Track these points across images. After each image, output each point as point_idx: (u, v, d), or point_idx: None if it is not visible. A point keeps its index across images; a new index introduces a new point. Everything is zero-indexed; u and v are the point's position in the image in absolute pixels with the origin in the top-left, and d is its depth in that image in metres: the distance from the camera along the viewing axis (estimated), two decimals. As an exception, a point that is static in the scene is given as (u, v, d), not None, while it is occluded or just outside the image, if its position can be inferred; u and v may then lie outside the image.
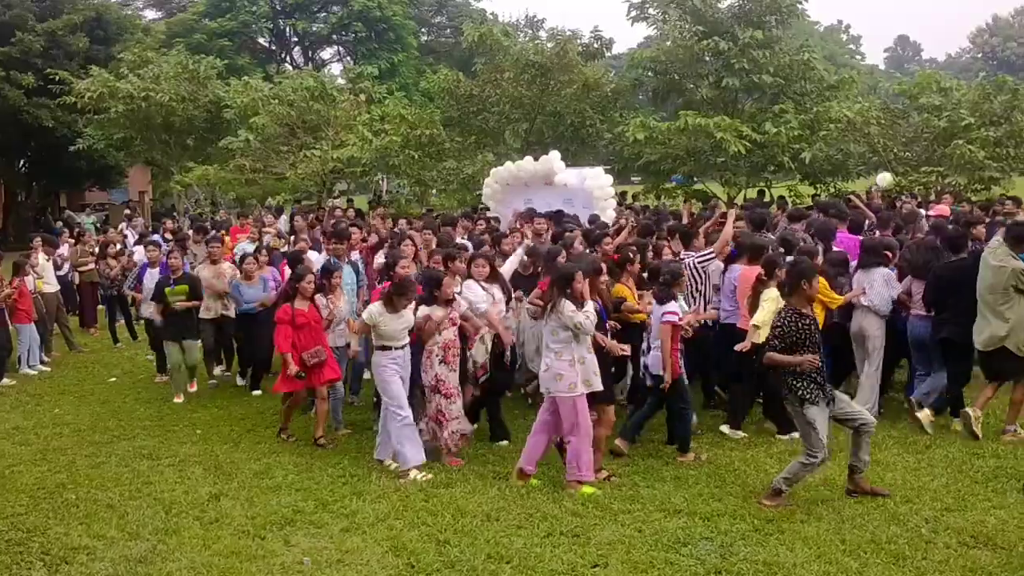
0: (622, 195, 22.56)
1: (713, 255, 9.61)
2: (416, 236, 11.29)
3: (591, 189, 16.33)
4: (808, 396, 6.73)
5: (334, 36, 52.69)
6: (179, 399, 10.95)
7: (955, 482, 7.19)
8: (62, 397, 11.43)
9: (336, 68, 51.31)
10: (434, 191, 25.24)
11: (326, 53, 56.51)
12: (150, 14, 50.59)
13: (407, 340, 8.16)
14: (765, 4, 25.27)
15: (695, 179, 26.49)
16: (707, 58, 25.60)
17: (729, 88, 25.05)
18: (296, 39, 53.77)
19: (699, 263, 9.50)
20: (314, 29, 51.42)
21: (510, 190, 17.40)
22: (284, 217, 21.14)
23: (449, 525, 6.60)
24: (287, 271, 11.11)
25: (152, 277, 11.93)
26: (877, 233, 11.11)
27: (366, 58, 44.38)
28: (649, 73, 27.09)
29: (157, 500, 7.38)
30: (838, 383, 9.13)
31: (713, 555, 5.96)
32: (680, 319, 8.03)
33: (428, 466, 7.88)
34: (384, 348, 8.06)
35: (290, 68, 42.22)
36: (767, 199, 22.90)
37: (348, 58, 51.36)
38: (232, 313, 11.47)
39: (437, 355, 8.15)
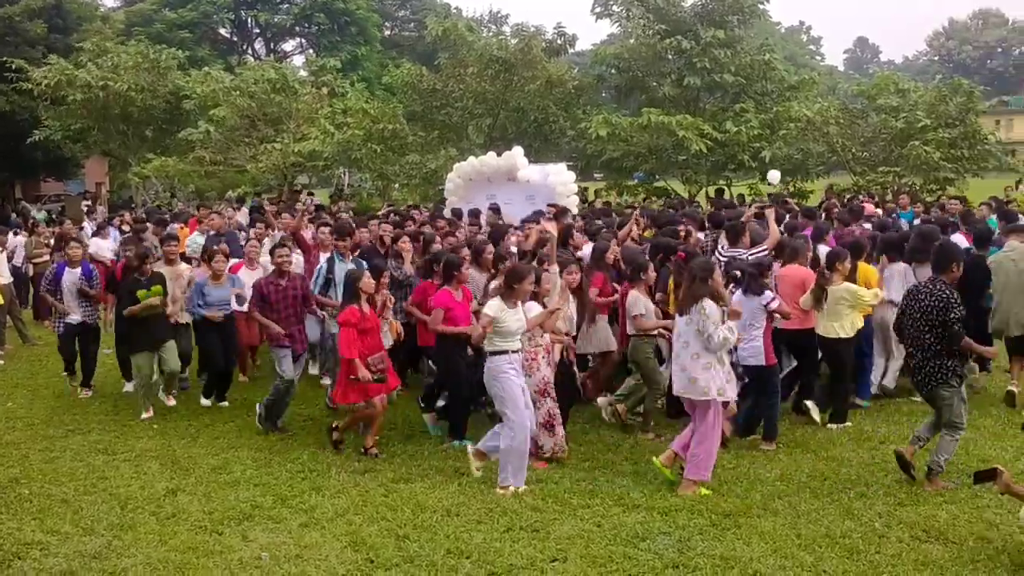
0: (584, 191, 22.66)
1: (767, 252, 9.51)
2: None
3: (554, 185, 16.41)
4: (964, 374, 7.23)
5: (296, 28, 52.38)
6: (149, 414, 9.67)
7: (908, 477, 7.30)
8: (15, 391, 11.23)
9: (298, 60, 51.00)
10: (396, 185, 25.19)
11: (288, 45, 56.27)
12: (109, 2, 49.97)
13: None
14: (727, 4, 25.53)
15: (657, 176, 26.69)
16: (669, 56, 25.81)
17: (691, 86, 25.27)
18: (258, 30, 53.35)
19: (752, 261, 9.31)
20: (276, 20, 51.05)
21: (473, 185, 17.43)
22: (244, 209, 20.95)
23: (409, 520, 6.60)
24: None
25: (71, 277, 10.61)
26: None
27: (328, 50, 44.15)
28: (612, 70, 27.28)
29: (112, 495, 7.28)
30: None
31: (671, 549, 6.01)
32: (779, 307, 8.15)
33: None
34: (500, 352, 7.28)
35: (252, 60, 41.81)
36: (727, 197, 23.11)
37: (310, 50, 51.06)
38: (187, 319, 10.30)
39: (543, 357, 7.81)
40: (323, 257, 10.32)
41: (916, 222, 12.99)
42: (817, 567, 5.72)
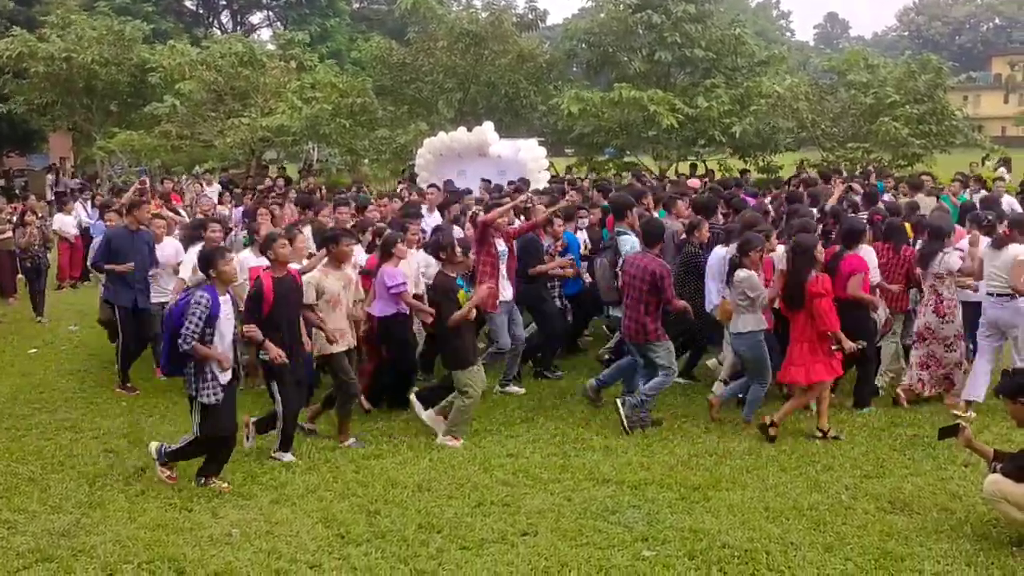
0: (568, 170, 22.69)
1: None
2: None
3: (524, 161, 16.38)
4: None
5: (264, 0, 51.63)
6: (456, 442, 7.77)
7: (874, 450, 7.40)
8: (-21, 369, 11.08)
9: (266, 33, 50.35)
10: (366, 161, 25.02)
11: (255, 18, 55.41)
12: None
13: None
14: (698, -23, 25.48)
15: (627, 152, 26.71)
16: (640, 31, 25.80)
17: (662, 62, 25.27)
18: (224, 3, 52.53)
19: None
20: (243, -8, 50.29)
21: (443, 160, 17.37)
22: (216, 186, 20.72)
23: (380, 496, 6.60)
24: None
25: (229, 306, 6.75)
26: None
27: (297, 23, 43.58)
28: (583, 45, 27.17)
29: (80, 473, 7.22)
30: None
31: (640, 523, 6.06)
32: None
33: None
34: None
35: (218, 33, 41.20)
36: (698, 172, 23.20)
37: (278, 23, 50.41)
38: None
39: None
40: None
41: (886, 196, 13.04)
42: (785, 538, 5.80)
